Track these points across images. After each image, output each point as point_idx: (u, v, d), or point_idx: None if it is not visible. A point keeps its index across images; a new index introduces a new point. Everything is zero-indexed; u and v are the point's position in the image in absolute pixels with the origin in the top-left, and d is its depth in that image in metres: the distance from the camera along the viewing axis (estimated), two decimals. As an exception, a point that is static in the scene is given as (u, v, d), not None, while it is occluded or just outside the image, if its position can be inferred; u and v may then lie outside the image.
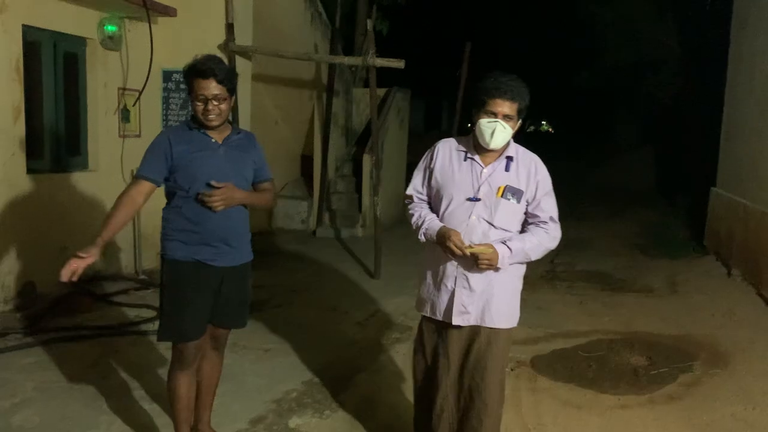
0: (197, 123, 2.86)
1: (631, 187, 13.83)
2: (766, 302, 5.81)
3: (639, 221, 10.57)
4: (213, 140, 2.89)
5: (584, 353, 4.80)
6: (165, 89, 6.78)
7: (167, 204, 2.94)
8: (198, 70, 2.77)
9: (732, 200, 7.45)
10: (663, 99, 13.28)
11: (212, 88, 2.77)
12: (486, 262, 2.56)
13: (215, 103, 2.78)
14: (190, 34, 6.59)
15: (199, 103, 2.79)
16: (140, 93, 6.27)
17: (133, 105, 6.30)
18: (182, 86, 6.70)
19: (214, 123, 2.83)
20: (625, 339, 5.10)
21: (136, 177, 2.88)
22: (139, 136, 6.48)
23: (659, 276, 7.23)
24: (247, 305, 3.20)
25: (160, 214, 7.10)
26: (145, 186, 2.86)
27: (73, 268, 2.72)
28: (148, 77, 6.20)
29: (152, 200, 6.82)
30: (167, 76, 6.74)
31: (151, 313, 5.14)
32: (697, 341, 5.06)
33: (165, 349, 4.46)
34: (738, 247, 6.97)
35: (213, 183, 2.82)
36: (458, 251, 2.57)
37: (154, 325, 4.93)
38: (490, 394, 2.67)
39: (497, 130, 2.57)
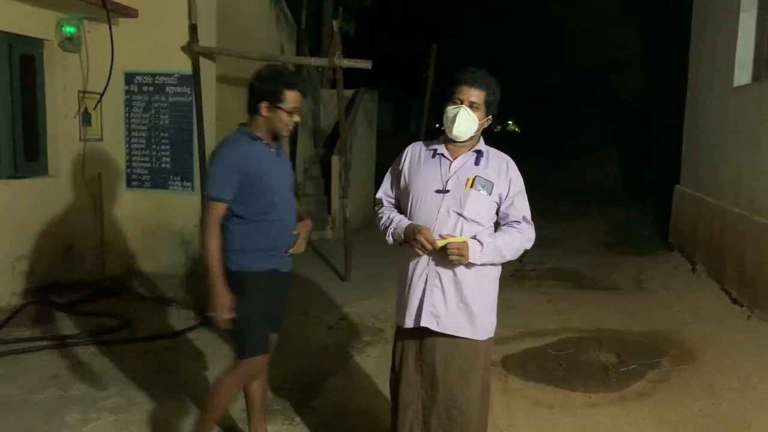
0: (263, 133, 2.89)
1: (597, 185, 14.03)
2: (730, 297, 5.91)
3: (606, 219, 10.71)
4: (272, 150, 2.95)
5: (554, 352, 4.83)
6: (127, 92, 6.63)
7: (235, 216, 2.85)
8: (296, 85, 2.85)
9: (695, 197, 7.58)
10: (627, 99, 13.50)
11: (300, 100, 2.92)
12: (456, 251, 2.44)
13: (297, 118, 2.93)
14: (152, 35, 6.45)
15: (293, 115, 2.87)
16: (101, 96, 6.11)
17: (94, 108, 6.15)
18: (145, 89, 6.57)
19: (287, 134, 2.98)
20: (594, 337, 5.14)
21: (215, 200, 2.80)
22: (101, 140, 6.33)
23: (626, 273, 7.33)
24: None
25: (123, 219, 6.93)
26: (224, 208, 2.83)
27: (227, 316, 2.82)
28: (109, 80, 6.05)
29: (115, 207, 6.64)
30: (129, 78, 6.59)
31: (116, 322, 5.01)
32: (665, 337, 5.12)
33: (132, 358, 4.37)
34: (702, 244, 7.09)
35: (293, 233, 2.98)
36: (428, 245, 2.46)
37: (120, 334, 4.82)
38: (473, 410, 2.57)
39: (460, 116, 2.51)
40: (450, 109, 2.55)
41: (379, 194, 2.84)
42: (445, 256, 2.48)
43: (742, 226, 5.93)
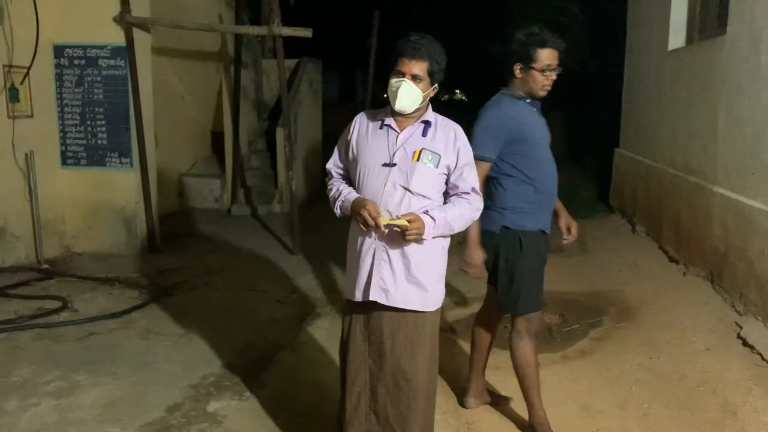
0: (524, 94, 3.03)
1: (541, 151, 14.21)
2: (668, 255, 6.14)
3: (550, 184, 10.89)
4: (534, 110, 3.08)
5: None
6: (57, 65, 6.33)
7: (509, 176, 3.00)
8: (548, 43, 2.93)
9: (634, 160, 7.80)
10: (569, 65, 13.66)
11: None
12: (414, 232, 2.41)
13: (553, 77, 2.98)
14: (81, 5, 6.15)
15: (546, 74, 2.96)
16: (28, 70, 5.82)
17: (21, 83, 5.85)
18: (76, 62, 6.29)
19: (545, 95, 3.05)
20: (539, 299, 5.25)
21: (478, 158, 2.80)
22: (31, 116, 6.03)
23: (570, 236, 7.49)
24: None
25: (60, 199, 6.68)
26: (487, 167, 2.97)
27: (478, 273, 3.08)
28: (35, 53, 5.76)
29: (50, 186, 6.38)
30: (59, 51, 6.29)
31: (56, 304, 4.86)
32: (606, 297, 5.30)
33: (74, 340, 4.26)
34: (641, 205, 7.32)
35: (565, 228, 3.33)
36: (371, 221, 2.42)
37: (60, 317, 4.68)
38: (419, 380, 2.57)
39: (402, 89, 2.46)
40: (393, 83, 2.49)
41: (329, 165, 2.79)
42: (393, 233, 2.47)
43: (677, 186, 6.14)
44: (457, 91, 44.29)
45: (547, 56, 2.93)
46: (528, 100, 3.05)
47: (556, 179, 3.14)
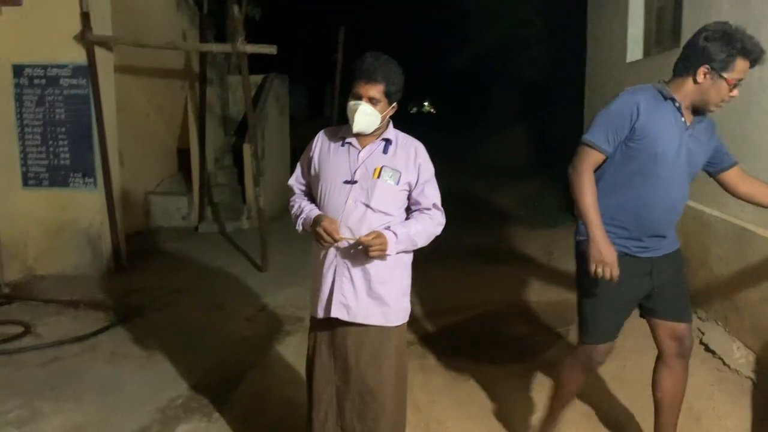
0: (684, 99, 2.55)
1: (508, 162, 14.41)
2: (632, 263, 6.24)
3: (517, 195, 11.03)
4: (682, 119, 2.55)
5: (472, 326, 4.96)
6: (17, 85, 6.23)
7: (600, 176, 2.64)
8: (752, 54, 2.45)
9: (598, 170, 7.92)
10: (532, 77, 13.91)
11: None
12: (377, 248, 2.43)
13: (736, 93, 2.51)
14: (40, 24, 6.07)
15: (734, 90, 2.48)
16: (-13, 90, 5.72)
17: (-20, 104, 5.75)
18: (37, 81, 6.19)
19: (713, 111, 2.59)
20: (508, 309, 5.31)
21: (588, 145, 2.60)
22: (-11, 136, 5.93)
23: (538, 246, 7.58)
24: (688, 296, 2.89)
25: (21, 220, 6.55)
26: (597, 157, 2.61)
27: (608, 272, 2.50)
28: (-6, 73, 5.67)
29: (11, 207, 6.24)
30: (18, 70, 6.19)
31: (19, 330, 4.75)
32: (574, 306, 5.33)
33: (37, 366, 4.16)
34: (605, 214, 7.42)
35: None
36: (327, 237, 2.44)
37: (22, 342, 4.58)
38: (386, 395, 2.58)
39: (359, 112, 2.48)
40: (350, 105, 2.52)
41: (291, 181, 2.80)
42: (355, 250, 2.49)
43: (640, 195, 6.26)
44: (426, 103, 44.65)
45: (743, 69, 2.45)
46: (678, 105, 2.56)
47: (673, 210, 2.64)
